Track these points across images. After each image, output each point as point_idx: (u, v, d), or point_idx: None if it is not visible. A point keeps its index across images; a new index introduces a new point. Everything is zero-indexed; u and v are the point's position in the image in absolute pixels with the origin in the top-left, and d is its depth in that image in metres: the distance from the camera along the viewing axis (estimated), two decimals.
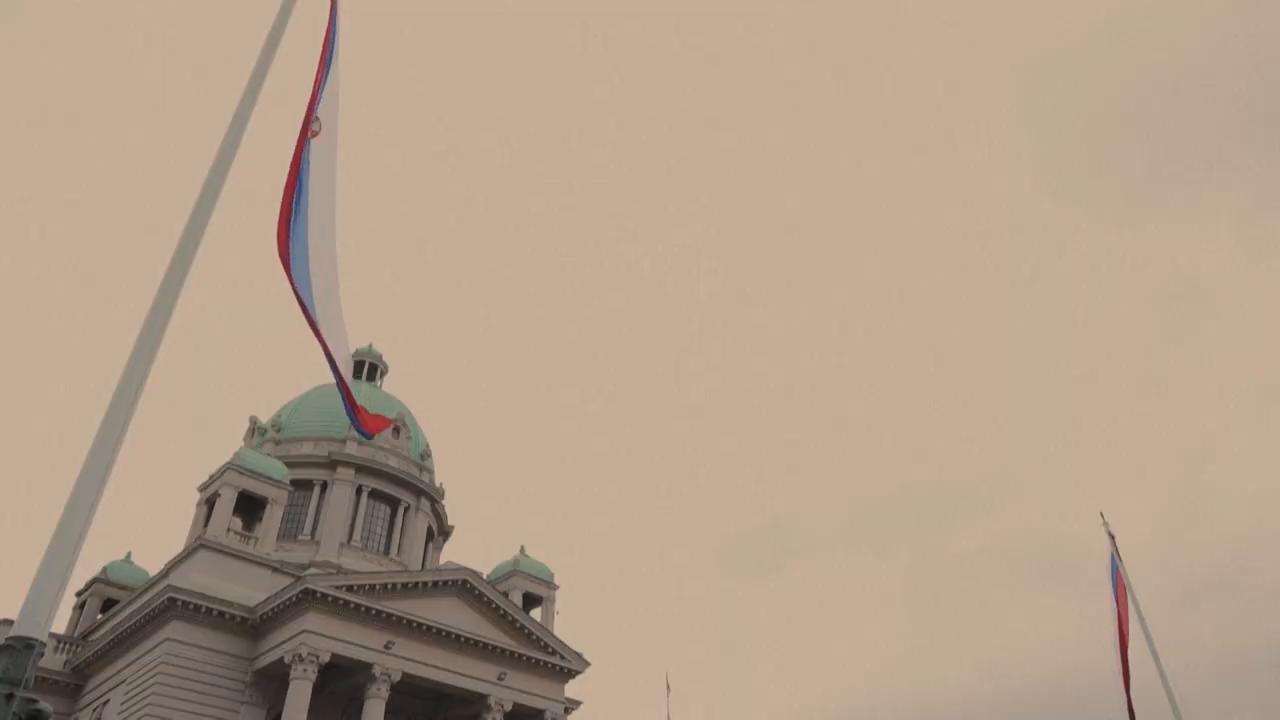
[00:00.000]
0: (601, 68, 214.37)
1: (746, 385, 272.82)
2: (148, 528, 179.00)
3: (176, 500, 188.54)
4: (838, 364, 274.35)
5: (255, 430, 59.19)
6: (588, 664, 48.62)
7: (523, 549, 57.52)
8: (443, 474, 66.51)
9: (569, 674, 48.34)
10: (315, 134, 9.45)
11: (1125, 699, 19.30)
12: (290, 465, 51.74)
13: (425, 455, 63.25)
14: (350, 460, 57.11)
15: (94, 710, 42.20)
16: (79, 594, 53.88)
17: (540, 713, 46.43)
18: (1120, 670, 19.53)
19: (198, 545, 43.15)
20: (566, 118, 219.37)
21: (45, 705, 8.08)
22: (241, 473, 46.31)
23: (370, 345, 69.77)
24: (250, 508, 47.24)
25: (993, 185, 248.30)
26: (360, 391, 63.50)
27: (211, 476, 48.05)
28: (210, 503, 46.55)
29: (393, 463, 59.31)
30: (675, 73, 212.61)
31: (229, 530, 44.84)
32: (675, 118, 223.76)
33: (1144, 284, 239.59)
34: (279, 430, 58.85)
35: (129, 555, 55.52)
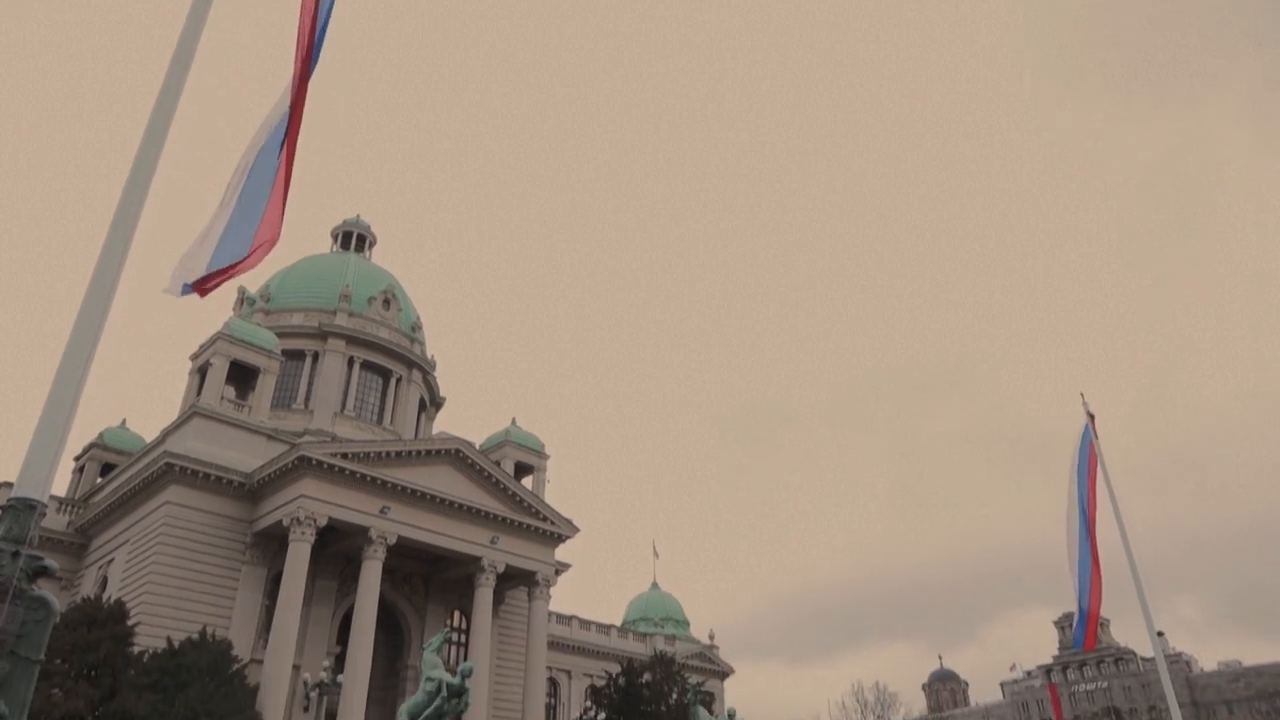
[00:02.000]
0: None
1: (740, 266, 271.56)
2: (142, 396, 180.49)
3: (170, 370, 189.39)
4: (830, 247, 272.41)
5: (244, 301, 58.92)
6: (577, 530, 50.33)
7: (514, 420, 58.52)
8: (434, 346, 66.88)
9: (559, 539, 50.10)
10: None
11: (1089, 578, 19.95)
12: (281, 336, 51.81)
13: (416, 327, 63.33)
14: (340, 331, 57.12)
15: (99, 568, 43.68)
16: (77, 459, 54.84)
17: (531, 574, 48.36)
18: (1090, 551, 20.17)
19: (192, 413, 43.69)
20: None
21: (50, 562, 8.32)
22: (232, 342, 46.45)
23: (358, 216, 68.66)
24: (243, 377, 47.61)
25: (989, 78, 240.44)
26: (349, 263, 62.94)
27: (202, 346, 48.18)
28: (202, 372, 46.86)
29: (383, 334, 59.40)
30: None
31: (222, 399, 45.34)
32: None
33: (1140, 172, 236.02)
34: (268, 301, 58.58)
35: (124, 422, 56.25)
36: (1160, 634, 33.95)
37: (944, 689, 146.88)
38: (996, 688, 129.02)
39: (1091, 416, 22.75)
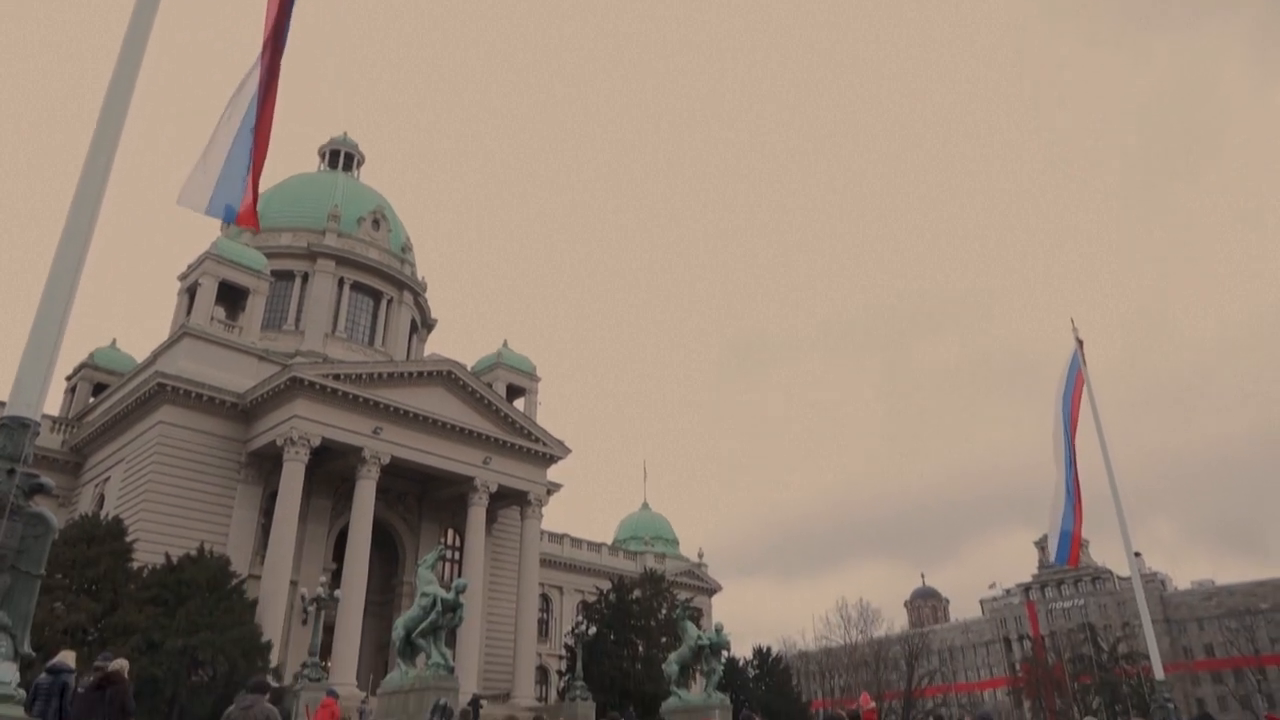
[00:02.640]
0: None
1: (736, 196, 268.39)
2: (132, 316, 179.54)
3: (159, 290, 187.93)
4: (825, 181, 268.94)
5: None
6: (568, 451, 50.89)
7: (505, 342, 58.56)
8: (424, 268, 66.36)
9: (550, 459, 50.70)
10: None
11: (1068, 494, 20.37)
12: (269, 256, 51.30)
13: (406, 248, 62.73)
14: (330, 252, 56.54)
15: (96, 486, 44.11)
16: (69, 378, 54.86)
17: (523, 494, 49.09)
18: (1073, 474, 20.53)
19: (182, 333, 43.56)
20: None
21: (47, 480, 8.40)
22: (220, 262, 46.03)
23: (345, 134, 67.28)
24: (232, 298, 47.32)
25: (990, 4, 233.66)
26: (337, 183, 61.93)
27: (190, 266, 47.74)
28: (191, 292, 46.54)
29: (373, 255, 58.86)
30: None
31: (212, 319, 45.15)
32: None
33: (1137, 103, 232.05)
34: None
35: (114, 342, 56.10)
36: (1137, 555, 34.75)
37: (925, 606, 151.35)
38: (976, 605, 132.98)
39: (1080, 342, 22.88)
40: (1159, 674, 21.25)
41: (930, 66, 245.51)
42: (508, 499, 49.27)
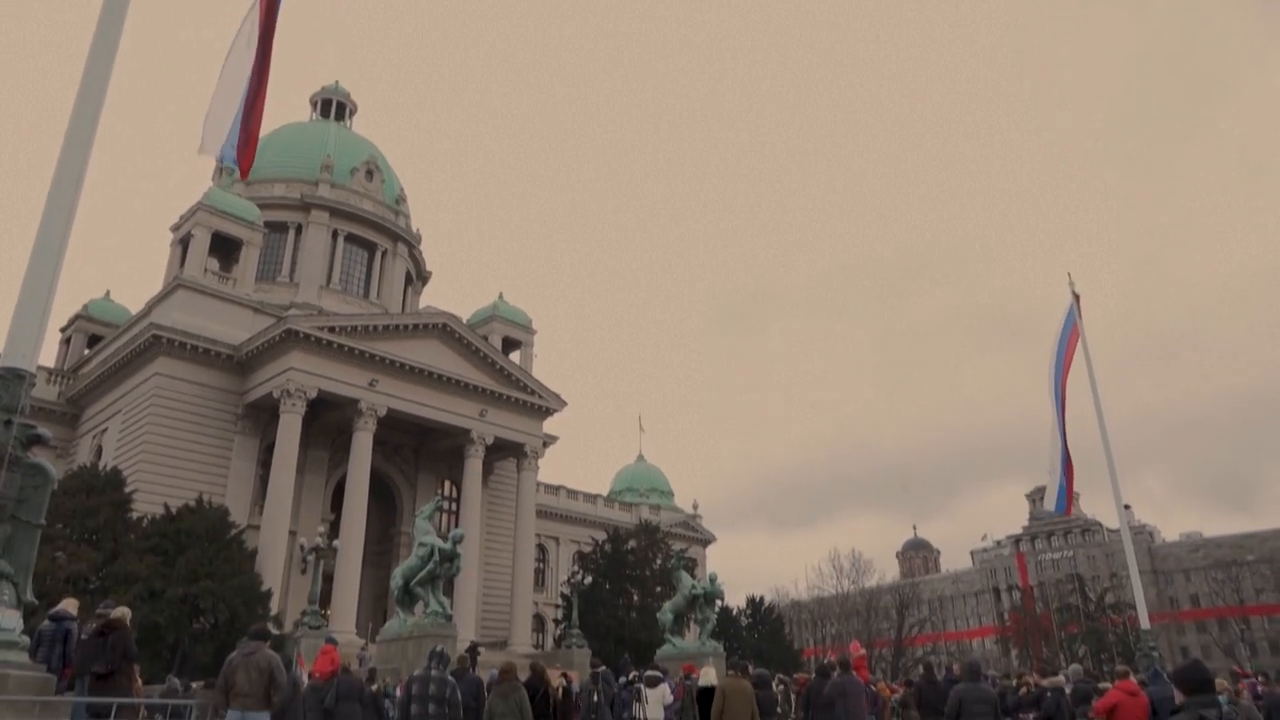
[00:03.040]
0: None
1: (732, 147, 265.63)
2: (125, 268, 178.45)
3: (153, 241, 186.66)
4: (820, 132, 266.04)
5: (223, 170, 57.47)
6: (564, 403, 51.11)
7: (501, 295, 58.44)
8: (418, 220, 65.99)
9: (546, 412, 50.93)
10: None
11: (1061, 446, 20.62)
12: (262, 207, 50.83)
13: (400, 200, 62.20)
14: (323, 203, 56.06)
15: (93, 438, 44.28)
16: (63, 330, 54.72)
17: (519, 446, 49.41)
18: (1062, 426, 20.75)
19: (176, 285, 43.38)
20: None
21: (44, 431, 8.46)
22: (212, 213, 45.66)
23: (337, 83, 66.25)
24: (226, 249, 47.04)
25: None
26: (329, 132, 61.17)
27: (183, 217, 47.36)
28: (184, 243, 46.24)
29: (366, 206, 58.39)
30: None
31: (206, 271, 44.94)
32: None
33: (1136, 53, 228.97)
34: None
35: (108, 294, 55.86)
36: (1127, 507, 35.31)
37: (916, 557, 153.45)
38: (967, 556, 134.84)
39: (1077, 297, 22.91)
40: (1145, 623, 21.67)
41: (927, 15, 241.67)
42: (504, 451, 49.58)
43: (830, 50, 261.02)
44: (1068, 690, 14.79)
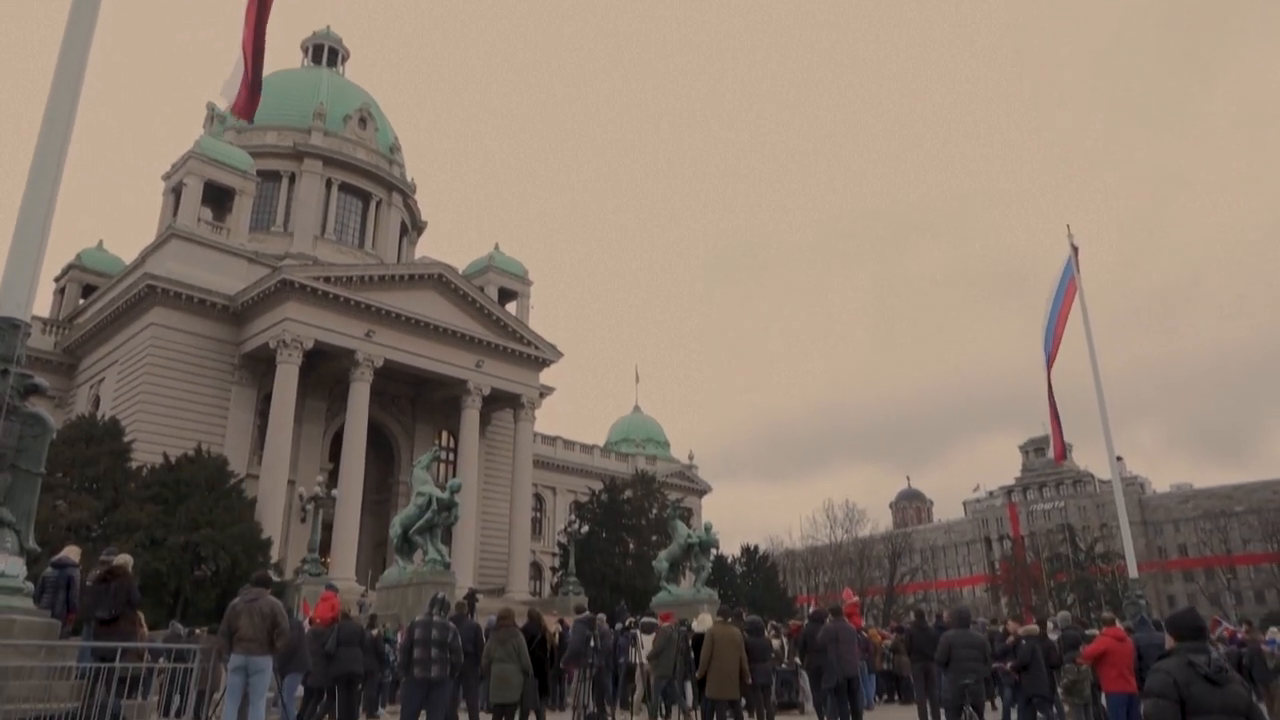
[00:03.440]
0: None
1: (729, 99, 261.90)
2: (117, 217, 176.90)
3: (144, 191, 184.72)
4: (822, 83, 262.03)
5: (214, 118, 56.69)
6: (560, 354, 51.16)
7: (497, 246, 58.13)
8: (413, 169, 65.23)
9: (542, 363, 51.01)
10: None
11: (1048, 397, 20.81)
12: (254, 155, 50.23)
13: (394, 148, 61.48)
14: (316, 152, 55.41)
15: (91, 388, 44.32)
16: (57, 280, 54.42)
17: (516, 397, 49.57)
18: (1048, 378, 20.93)
19: (170, 234, 43.06)
20: None
21: (41, 381, 8.47)
22: (204, 161, 45.16)
23: (328, 28, 65.03)
24: (219, 198, 46.61)
25: None
26: (321, 79, 60.22)
27: (174, 166, 46.84)
28: (176, 193, 45.80)
29: (360, 155, 57.73)
30: None
31: (199, 221, 44.59)
32: None
33: (1145, 2, 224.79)
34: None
35: (101, 244, 55.42)
36: (1119, 458, 35.60)
37: (910, 507, 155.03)
38: (960, 507, 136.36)
39: (1075, 249, 22.85)
40: (1133, 572, 22.03)
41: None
42: (501, 402, 49.75)
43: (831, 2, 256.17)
44: (1054, 638, 15.10)
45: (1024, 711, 13.45)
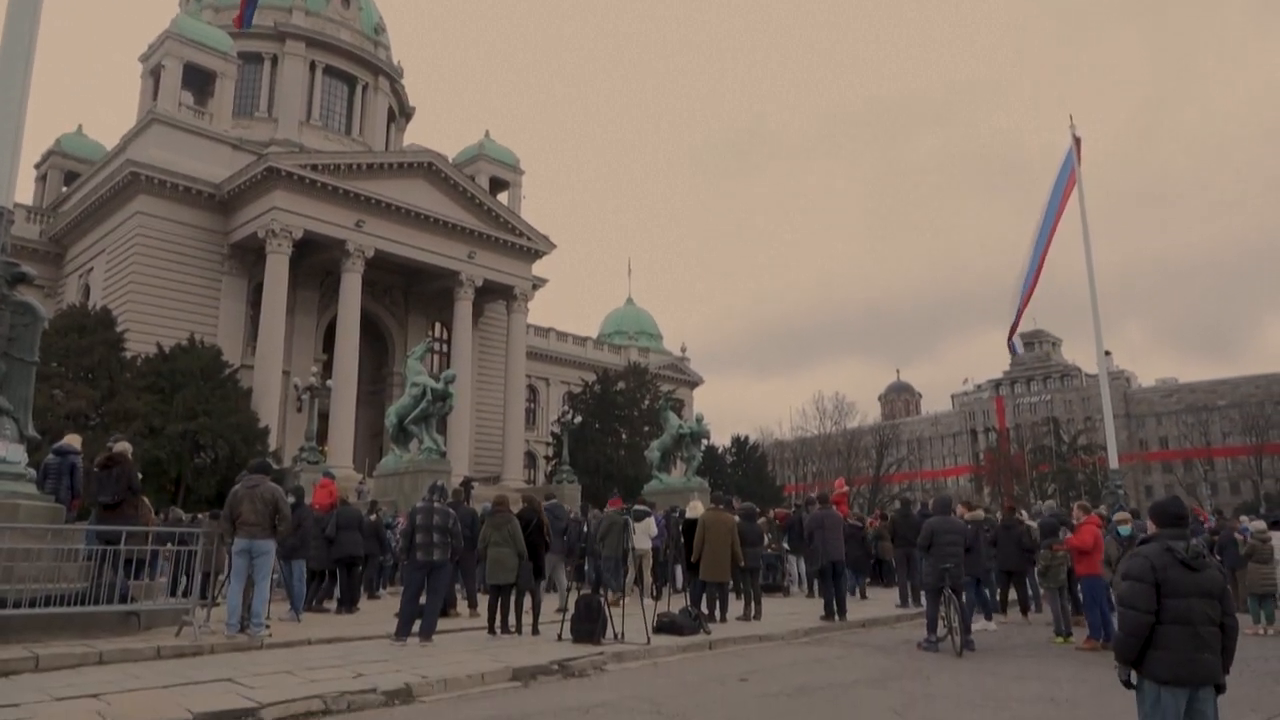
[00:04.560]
0: None
1: None
2: (96, 101, 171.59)
3: (123, 72, 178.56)
4: None
5: None
6: (553, 245, 50.71)
7: (487, 133, 56.79)
8: (400, 53, 63.11)
9: (535, 254, 50.61)
10: None
11: (1028, 290, 20.79)
12: (234, 36, 48.33)
13: (379, 30, 59.24)
14: (298, 32, 53.37)
15: (80, 277, 43.93)
16: (37, 166, 53.25)
17: (509, 288, 49.39)
18: (1038, 266, 20.83)
19: (150, 119, 41.87)
20: None
21: (29, 269, 8.38)
22: (183, 42, 43.53)
23: None
24: (199, 82, 45.14)
25: None
26: None
27: (151, 47, 45.17)
28: (155, 75, 44.32)
29: (344, 36, 55.66)
30: None
31: (180, 105, 43.30)
32: None
33: None
34: None
35: (80, 128, 53.99)
36: (1108, 353, 35.99)
37: (899, 400, 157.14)
38: (948, 400, 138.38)
39: (1077, 140, 22.49)
40: (1114, 463, 22.59)
41: None
42: (493, 293, 49.59)
43: None
44: (1035, 525, 15.70)
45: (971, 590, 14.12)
